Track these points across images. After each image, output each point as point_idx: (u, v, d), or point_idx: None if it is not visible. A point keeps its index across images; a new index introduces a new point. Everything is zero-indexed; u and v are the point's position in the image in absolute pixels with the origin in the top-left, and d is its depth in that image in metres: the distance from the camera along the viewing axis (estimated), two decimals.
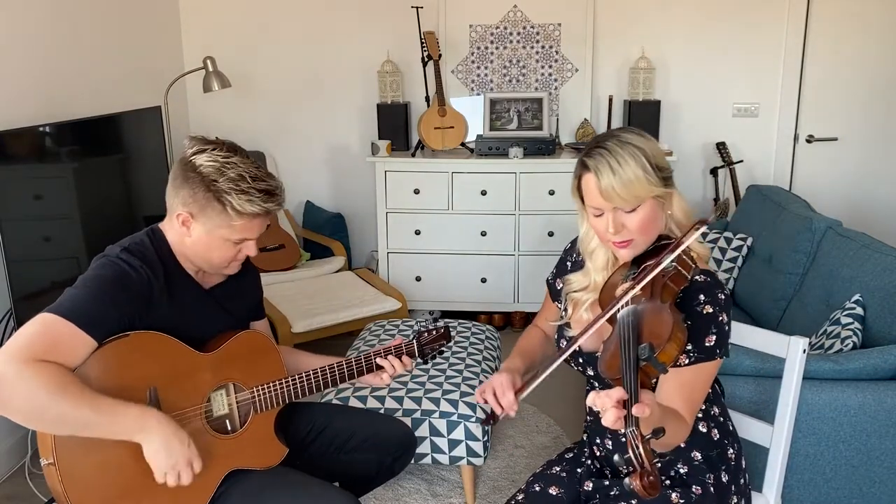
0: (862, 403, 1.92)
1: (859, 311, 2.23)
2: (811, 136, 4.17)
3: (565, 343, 1.58)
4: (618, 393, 1.15)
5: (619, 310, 1.32)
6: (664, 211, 1.45)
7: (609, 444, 1.57)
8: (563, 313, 1.64)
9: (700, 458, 1.50)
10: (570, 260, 1.69)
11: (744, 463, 1.58)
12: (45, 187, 2.72)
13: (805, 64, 4.07)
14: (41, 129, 2.69)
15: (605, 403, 1.14)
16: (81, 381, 1.40)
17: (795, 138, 4.19)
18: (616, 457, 1.13)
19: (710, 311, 1.38)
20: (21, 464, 2.74)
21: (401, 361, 1.79)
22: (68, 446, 1.43)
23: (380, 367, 1.79)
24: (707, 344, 1.38)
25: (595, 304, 1.51)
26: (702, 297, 1.39)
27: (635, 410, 1.12)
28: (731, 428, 1.57)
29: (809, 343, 1.62)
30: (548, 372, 1.42)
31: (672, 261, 1.32)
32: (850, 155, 4.17)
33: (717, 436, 1.53)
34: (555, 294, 1.72)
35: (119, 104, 3.35)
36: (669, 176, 1.45)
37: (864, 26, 4.00)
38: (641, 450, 1.11)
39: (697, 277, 1.40)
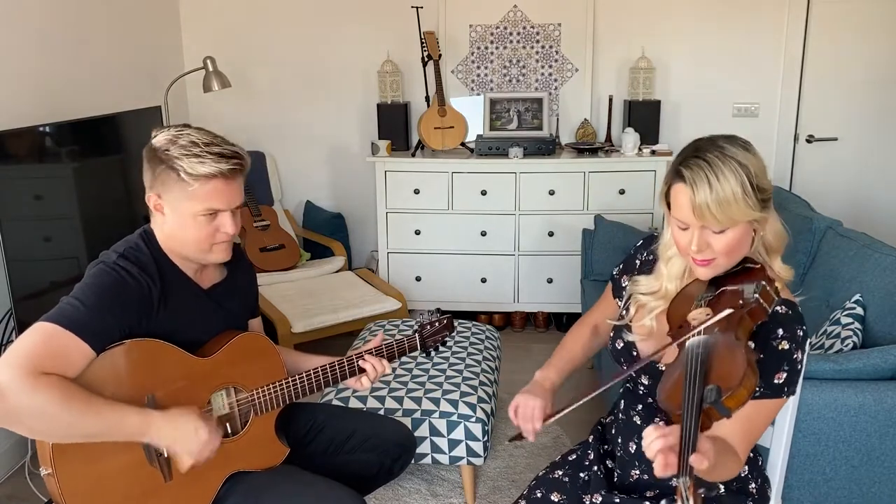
0: (862, 403, 1.92)
1: (859, 311, 2.23)
2: (811, 135, 4.17)
3: (622, 344, 1.52)
4: (675, 439, 1.09)
5: (689, 337, 1.23)
6: (756, 234, 1.36)
7: (631, 446, 1.51)
8: (624, 312, 1.55)
9: (722, 490, 1.46)
10: (640, 258, 1.59)
11: (769, 494, 1.55)
12: (45, 187, 2.71)
13: (805, 64, 4.07)
14: (41, 129, 2.69)
15: (657, 447, 1.10)
16: (84, 390, 1.39)
17: (795, 138, 4.19)
18: (663, 502, 1.07)
19: (787, 347, 1.30)
20: (21, 464, 2.74)
21: (380, 361, 1.76)
22: (67, 456, 1.42)
23: (362, 371, 1.76)
24: (776, 381, 1.31)
25: (663, 315, 1.42)
26: (780, 331, 1.30)
27: (693, 461, 1.06)
28: (759, 463, 1.54)
29: (809, 343, 1.62)
30: (586, 399, 1.34)
31: (755, 292, 1.23)
32: (850, 155, 4.17)
33: (745, 471, 1.48)
34: (618, 290, 1.64)
35: (119, 104, 3.35)
36: (769, 198, 1.33)
37: (864, 26, 4.00)
38: (692, 501, 1.04)
39: (778, 308, 1.32)
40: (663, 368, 1.42)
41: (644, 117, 3.98)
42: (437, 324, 1.88)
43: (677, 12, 4.08)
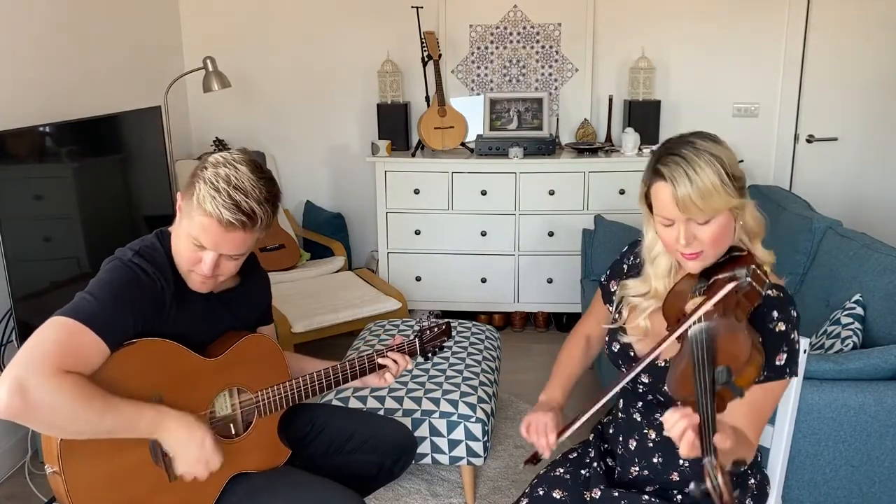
0: (862, 403, 1.92)
1: (859, 311, 2.23)
2: (811, 136, 4.17)
3: (618, 346, 1.53)
4: (696, 419, 1.10)
5: (689, 327, 1.25)
6: (736, 221, 1.39)
7: (632, 443, 1.53)
8: (616, 316, 1.58)
9: None
10: (627, 262, 1.63)
11: (769, 490, 1.56)
12: (45, 187, 2.71)
13: (805, 64, 4.07)
14: (41, 129, 2.68)
15: (680, 429, 1.10)
16: (101, 388, 1.39)
17: (795, 138, 4.19)
18: (692, 486, 1.08)
19: (783, 328, 1.34)
20: (21, 464, 2.74)
21: (403, 357, 1.80)
22: (74, 454, 1.42)
23: (382, 367, 1.79)
24: (778, 363, 1.34)
25: (657, 313, 1.45)
26: (775, 314, 1.34)
27: (717, 441, 1.07)
28: (758, 458, 1.55)
29: (810, 343, 1.62)
30: (598, 405, 1.35)
31: (746, 275, 1.26)
32: (850, 155, 4.17)
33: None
34: (607, 296, 1.66)
35: (119, 104, 3.35)
36: (744, 185, 1.39)
37: (864, 26, 4.00)
38: (721, 481, 1.05)
39: (769, 292, 1.35)
40: (663, 365, 1.44)
41: (644, 117, 3.98)
42: (435, 329, 1.91)
43: (677, 12, 4.08)
